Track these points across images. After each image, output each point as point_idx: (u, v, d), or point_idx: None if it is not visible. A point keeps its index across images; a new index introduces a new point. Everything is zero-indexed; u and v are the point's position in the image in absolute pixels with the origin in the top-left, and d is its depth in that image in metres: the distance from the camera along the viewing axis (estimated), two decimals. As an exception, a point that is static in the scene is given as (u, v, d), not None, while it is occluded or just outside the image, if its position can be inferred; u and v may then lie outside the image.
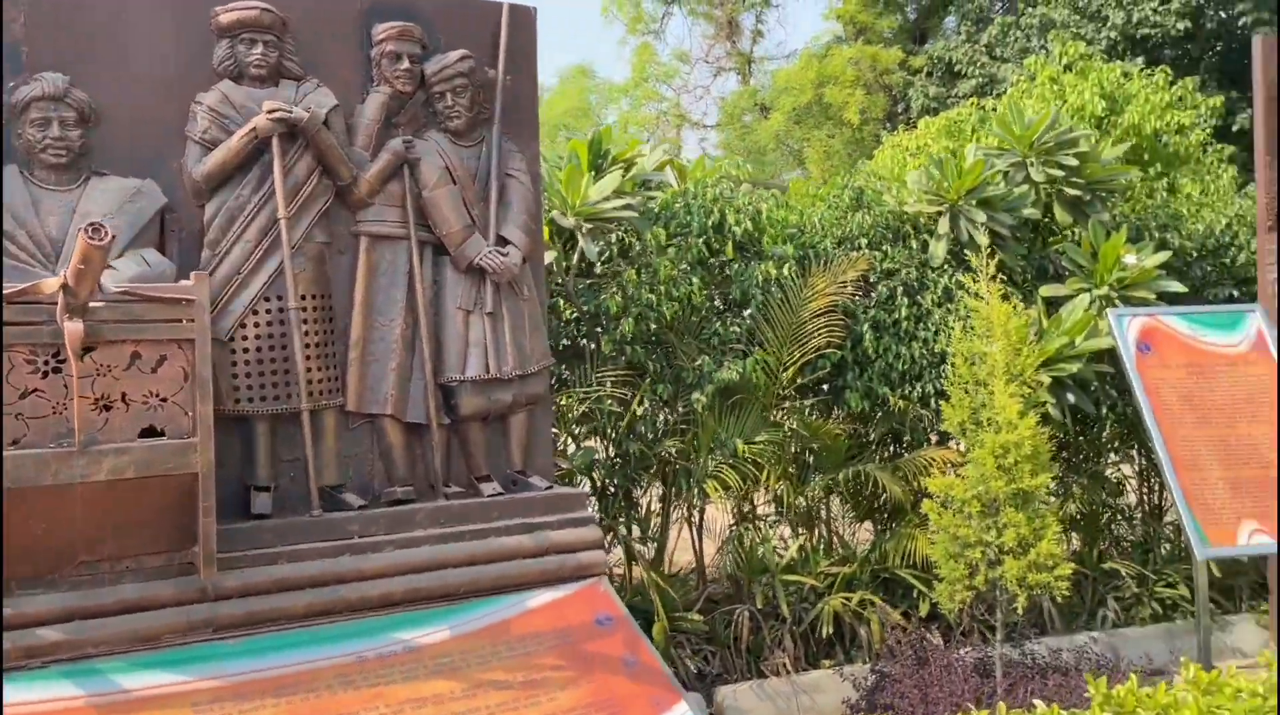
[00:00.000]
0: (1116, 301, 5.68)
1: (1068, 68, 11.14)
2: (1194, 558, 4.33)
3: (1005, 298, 5.74)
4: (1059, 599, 4.52)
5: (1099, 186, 6.09)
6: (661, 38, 31.28)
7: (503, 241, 4.23)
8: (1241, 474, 4.47)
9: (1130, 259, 5.54)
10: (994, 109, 11.82)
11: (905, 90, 24.36)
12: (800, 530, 5.85)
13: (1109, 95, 10.26)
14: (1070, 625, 5.89)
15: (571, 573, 3.99)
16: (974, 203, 5.84)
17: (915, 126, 15.00)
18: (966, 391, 4.72)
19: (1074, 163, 5.98)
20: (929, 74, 24.26)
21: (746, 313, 5.49)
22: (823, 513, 5.90)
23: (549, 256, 5.04)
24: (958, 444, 5.31)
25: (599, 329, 5.33)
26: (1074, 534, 6.39)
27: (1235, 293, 6.33)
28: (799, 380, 5.64)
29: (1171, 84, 9.99)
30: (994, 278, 5.02)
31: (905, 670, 4.81)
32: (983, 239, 5.76)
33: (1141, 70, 10.85)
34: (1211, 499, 4.41)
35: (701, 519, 5.87)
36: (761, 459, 5.36)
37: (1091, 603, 5.96)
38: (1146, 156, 10.46)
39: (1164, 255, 5.81)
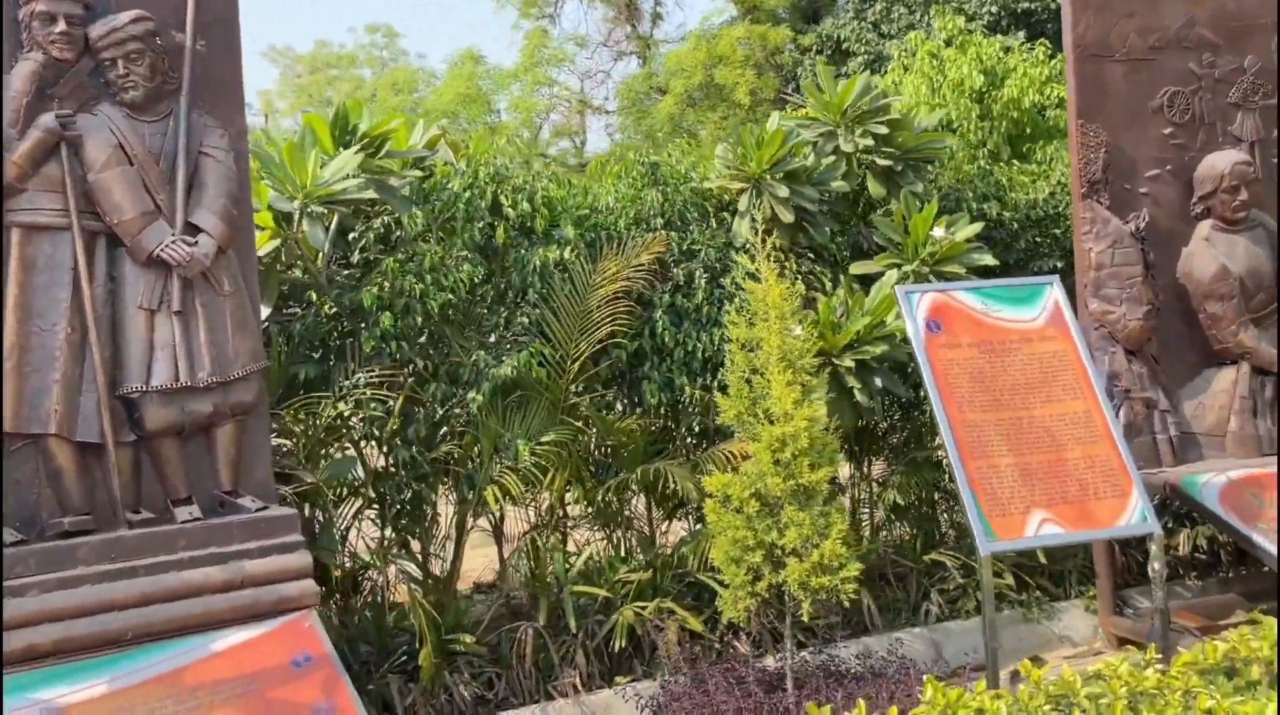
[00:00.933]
0: (930, 277, 5.34)
1: (948, 43, 10.90)
2: (979, 553, 4.00)
3: (808, 278, 5.38)
4: (846, 602, 4.15)
5: (913, 156, 5.75)
6: (557, 22, 30.66)
7: (194, 229, 3.69)
8: (1032, 459, 4.14)
9: (938, 232, 5.20)
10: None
11: (795, 70, 24.13)
12: (600, 535, 5.42)
13: (989, 70, 10.05)
14: (894, 622, 5.56)
15: (272, 607, 3.49)
16: (779, 176, 5.45)
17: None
18: (748, 381, 4.32)
19: (884, 131, 5.62)
20: (819, 52, 24.03)
21: (530, 302, 5.02)
22: (627, 515, 5.47)
23: (270, 244, 4.51)
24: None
25: (363, 325, 4.82)
26: (903, 524, 6.07)
27: (1060, 264, 6.06)
28: (592, 372, 5.19)
29: (1051, 58, 9.79)
30: (791, 254, 4.66)
31: (692, 685, 4.41)
32: (787, 216, 5.37)
33: (1022, 44, 10.66)
34: (1000, 488, 4.07)
35: (501, 527, 5.41)
36: (547, 461, 4.91)
37: (916, 597, 5.64)
38: (1028, 130, 10.29)
39: (975, 227, 5.48)
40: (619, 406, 5.51)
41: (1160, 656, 3.10)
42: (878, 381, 5.15)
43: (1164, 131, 5.63)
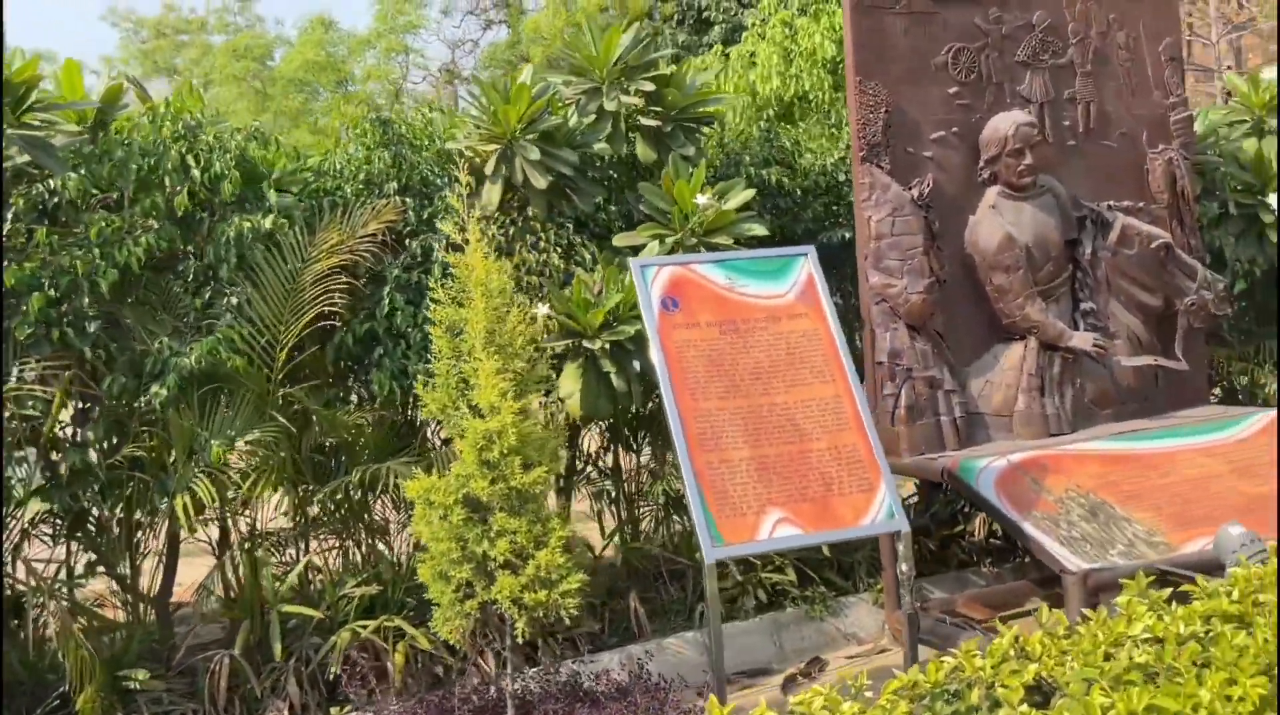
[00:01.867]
0: (700, 248, 4.85)
1: (802, 11, 10.50)
2: (703, 560, 3.53)
3: (569, 251, 4.84)
4: (567, 619, 3.63)
5: (685, 117, 5.24)
6: (423, -13, 29.43)
7: None
8: (771, 452, 3.68)
9: (702, 199, 4.71)
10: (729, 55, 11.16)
11: (656, 40, 23.58)
12: (333, 545, 4.80)
13: (842, 38, 9.66)
14: (667, 626, 5.10)
15: None
16: (532, 137, 4.87)
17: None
18: (459, 370, 3.75)
19: (650, 88, 5.09)
20: (679, 21, 23.56)
21: (225, 280, 4.34)
22: (360, 522, 4.86)
23: None
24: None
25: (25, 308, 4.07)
26: (681, 517, 5.62)
27: (850, 235, 5.65)
28: (313, 360, 4.55)
29: (909, 27, 9.43)
30: (550, 225, 4.08)
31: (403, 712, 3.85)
32: (540, 181, 4.80)
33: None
34: (732, 485, 3.60)
35: (228, 540, 4.74)
36: (253, 464, 4.27)
37: (693, 597, 5.19)
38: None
39: (747, 194, 5.01)
40: (356, 398, 4.89)
41: (871, 684, 2.67)
42: (636, 364, 4.64)
43: (949, 91, 5.25)
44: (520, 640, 3.66)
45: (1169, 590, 3.18)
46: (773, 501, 3.62)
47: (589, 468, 5.63)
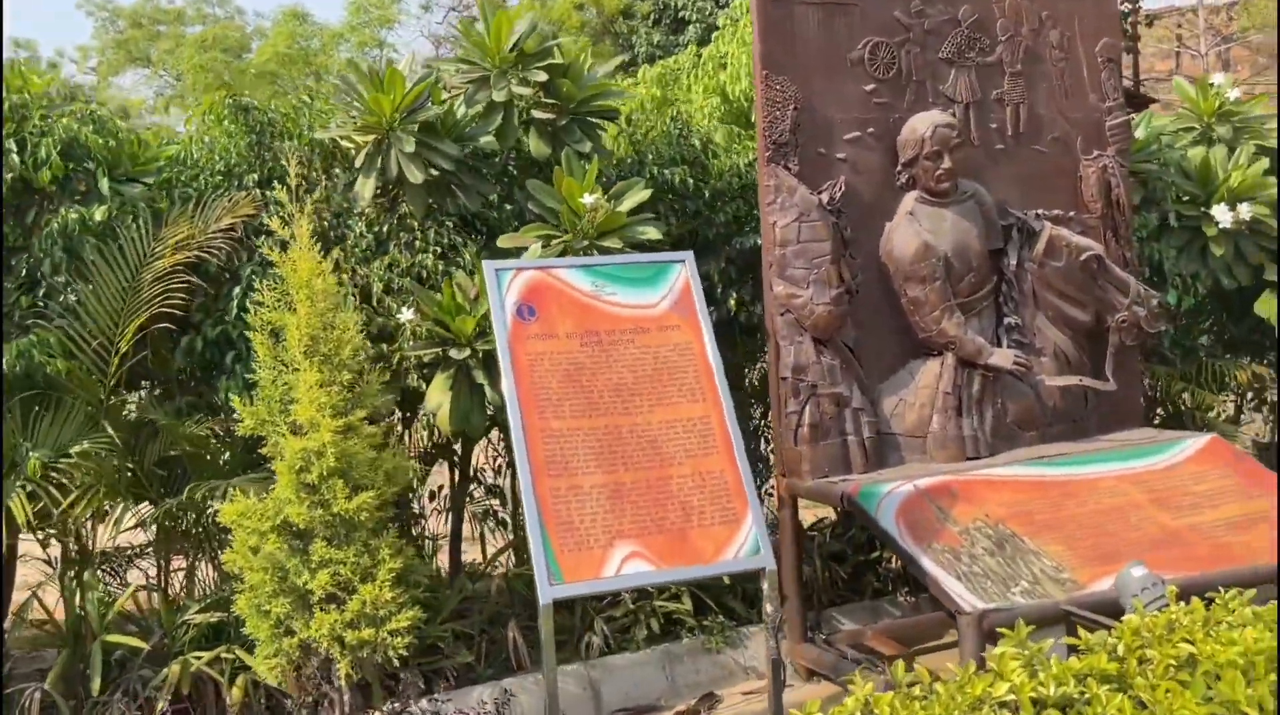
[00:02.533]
0: (592, 251, 4.49)
1: None
2: (539, 600, 3.17)
3: (447, 252, 4.48)
4: (395, 660, 3.27)
5: (583, 110, 4.89)
6: (403, -19, 29.02)
7: None
8: (628, 478, 3.32)
9: (589, 199, 4.35)
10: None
11: (631, 39, 23.24)
12: (173, 568, 4.43)
13: None
14: (559, 656, 4.73)
15: None
16: (412, 128, 4.51)
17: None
18: (284, 382, 3.38)
19: (543, 78, 4.74)
20: (655, 20, 23.23)
21: (45, 276, 3.97)
22: (210, 543, 4.48)
23: None
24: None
25: None
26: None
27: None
28: (158, 364, 4.19)
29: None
30: (431, 223, 3.71)
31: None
32: (416, 175, 4.44)
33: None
34: (579, 515, 3.24)
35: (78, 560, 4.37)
36: (79, 478, 3.89)
37: (581, 627, 4.83)
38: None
39: (643, 195, 4.66)
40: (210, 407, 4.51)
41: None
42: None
43: (865, 88, 4.90)
44: (345, 683, 3.29)
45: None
46: (624, 534, 3.26)
47: (475, 485, 5.27)
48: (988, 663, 2.66)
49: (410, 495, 4.96)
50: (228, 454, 4.25)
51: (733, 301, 5.20)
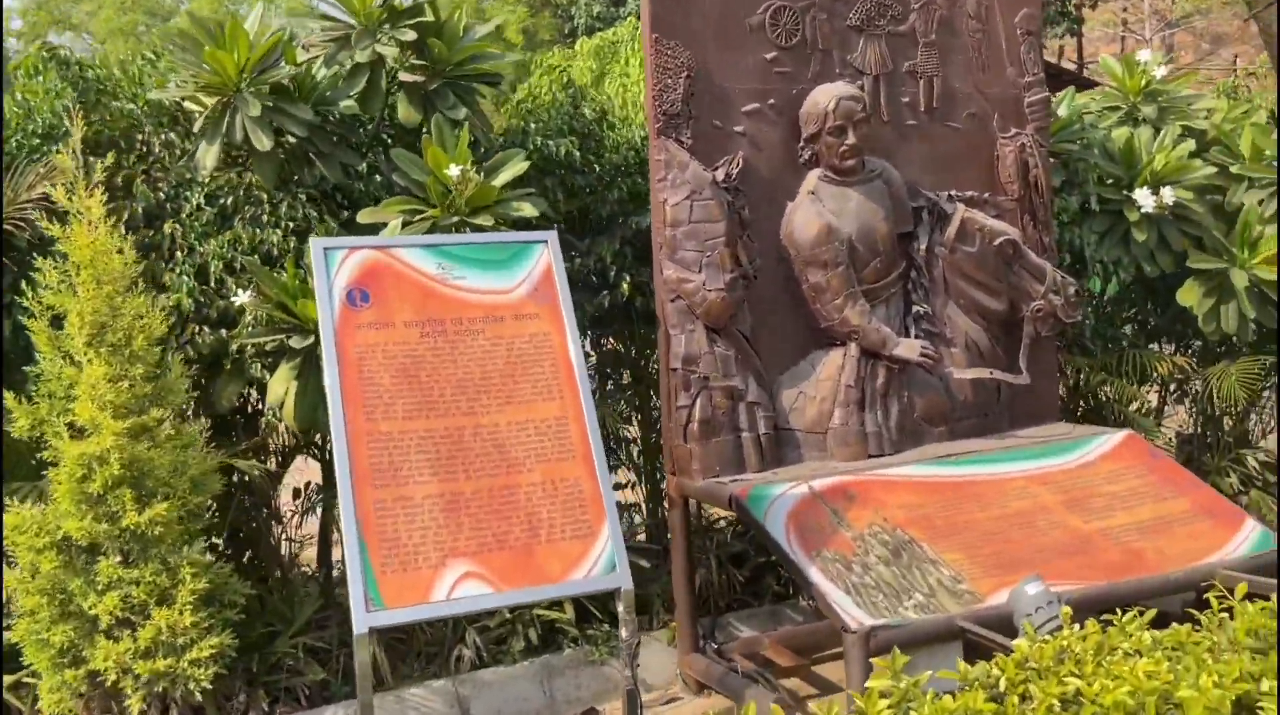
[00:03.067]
0: (463, 228, 4.09)
1: None
2: (353, 628, 2.77)
3: (300, 227, 4.05)
4: (198, 693, 2.86)
5: (459, 74, 4.46)
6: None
7: None
8: (468, 487, 2.94)
9: (454, 171, 3.94)
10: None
11: (571, 9, 22.67)
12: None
13: None
14: (420, 671, 4.36)
15: None
16: (262, 89, 4.06)
17: (576, 47, 13.42)
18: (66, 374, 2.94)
19: (411, 36, 4.30)
20: (595, -8, 22.69)
21: None
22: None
23: None
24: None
25: None
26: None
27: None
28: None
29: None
30: (285, 196, 3.25)
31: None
32: (263, 142, 3.99)
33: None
34: (407, 530, 2.85)
35: None
36: None
37: (453, 639, 4.45)
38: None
39: (519, 167, 4.26)
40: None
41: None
42: (366, 367, 3.86)
43: (766, 56, 4.53)
44: (137, 719, 2.88)
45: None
46: (459, 551, 2.88)
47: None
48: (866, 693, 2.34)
49: (270, 495, 4.54)
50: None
51: (626, 285, 4.83)
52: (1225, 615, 2.72)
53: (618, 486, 5.24)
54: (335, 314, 3.07)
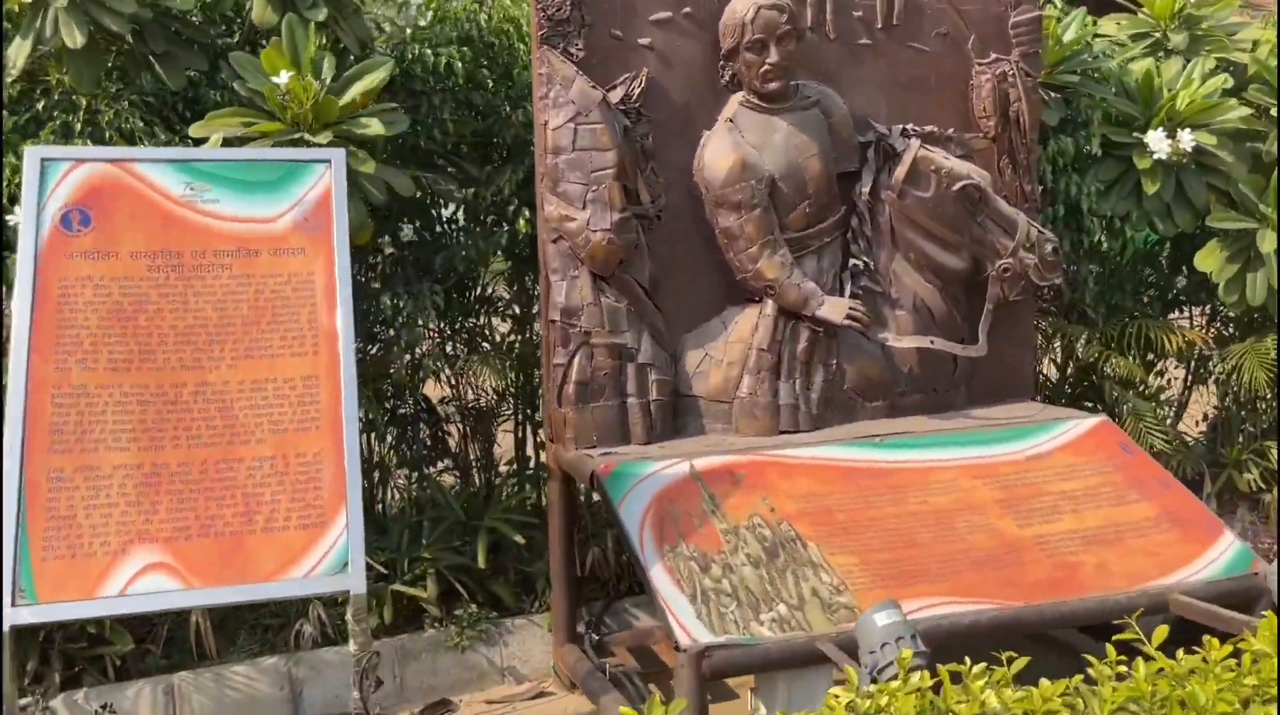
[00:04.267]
0: (306, 144, 3.51)
1: None
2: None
3: (129, 140, 3.54)
4: None
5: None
6: None
7: None
8: (173, 459, 2.41)
9: (281, 79, 3.37)
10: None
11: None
12: None
13: None
14: (259, 645, 3.91)
15: None
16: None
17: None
18: None
19: (261, -79, 3.71)
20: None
21: None
22: None
23: None
24: None
25: None
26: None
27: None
28: None
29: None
30: (108, 103, 2.73)
31: None
32: (75, 37, 3.46)
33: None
34: (86, 508, 2.33)
35: None
36: None
37: (296, 612, 3.98)
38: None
39: (379, 75, 3.66)
40: None
41: None
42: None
43: (682, -44, 3.84)
44: None
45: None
46: (148, 537, 2.37)
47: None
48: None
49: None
50: None
51: (523, 221, 4.23)
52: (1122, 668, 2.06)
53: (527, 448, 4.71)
54: (42, 239, 2.55)
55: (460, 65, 4.00)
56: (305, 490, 2.52)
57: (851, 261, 4.03)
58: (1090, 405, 5.13)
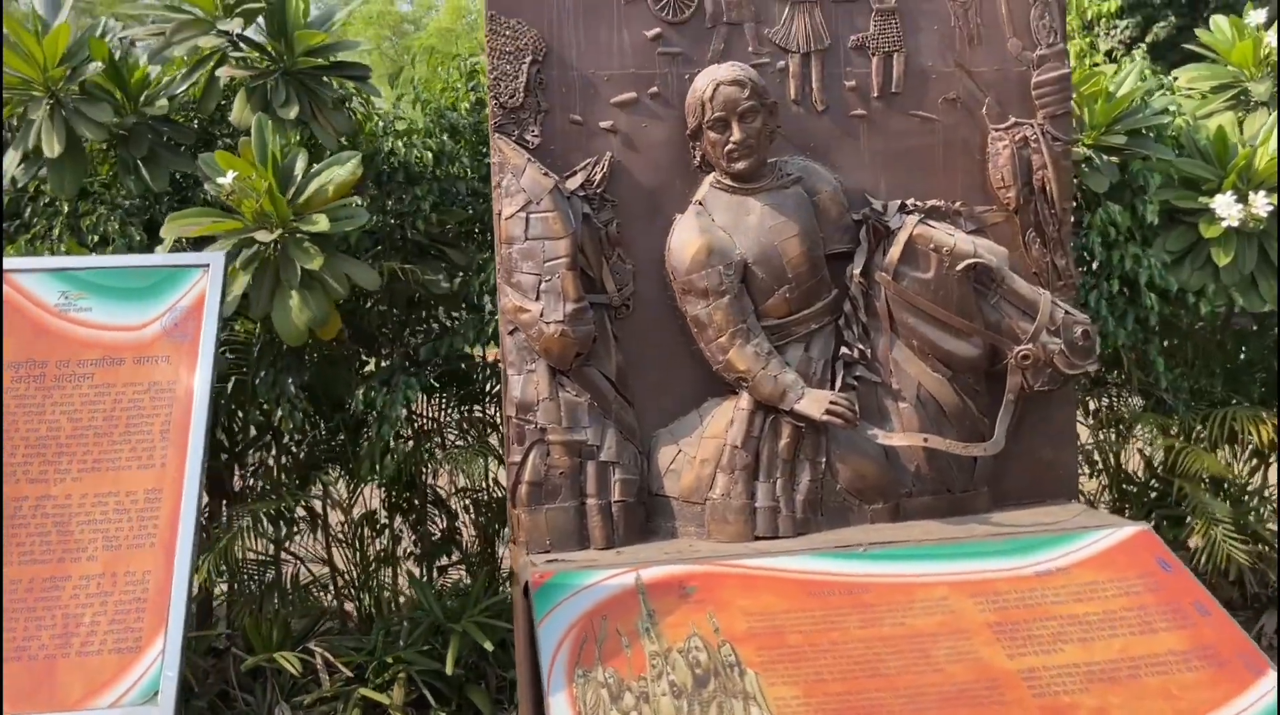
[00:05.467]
0: (288, 241, 3.53)
1: None
2: None
3: (104, 241, 3.67)
4: None
5: (300, 66, 3.91)
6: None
7: None
8: (39, 573, 2.32)
9: (225, 179, 3.39)
10: None
11: None
12: None
13: None
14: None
15: None
16: (71, 90, 3.70)
17: None
18: None
19: (237, 26, 3.80)
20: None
21: None
22: None
23: None
24: None
25: None
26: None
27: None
28: None
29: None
30: (100, 204, 2.86)
31: None
32: (53, 146, 3.62)
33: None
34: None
35: None
36: None
37: (270, 701, 3.91)
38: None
39: (340, 173, 3.63)
40: None
41: None
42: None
43: (648, 34, 3.66)
44: None
45: None
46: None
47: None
48: None
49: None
50: None
51: (507, 311, 4.10)
52: None
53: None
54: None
55: (430, 156, 3.94)
56: (128, 612, 2.42)
57: (844, 350, 3.68)
58: (1178, 508, 4.51)
